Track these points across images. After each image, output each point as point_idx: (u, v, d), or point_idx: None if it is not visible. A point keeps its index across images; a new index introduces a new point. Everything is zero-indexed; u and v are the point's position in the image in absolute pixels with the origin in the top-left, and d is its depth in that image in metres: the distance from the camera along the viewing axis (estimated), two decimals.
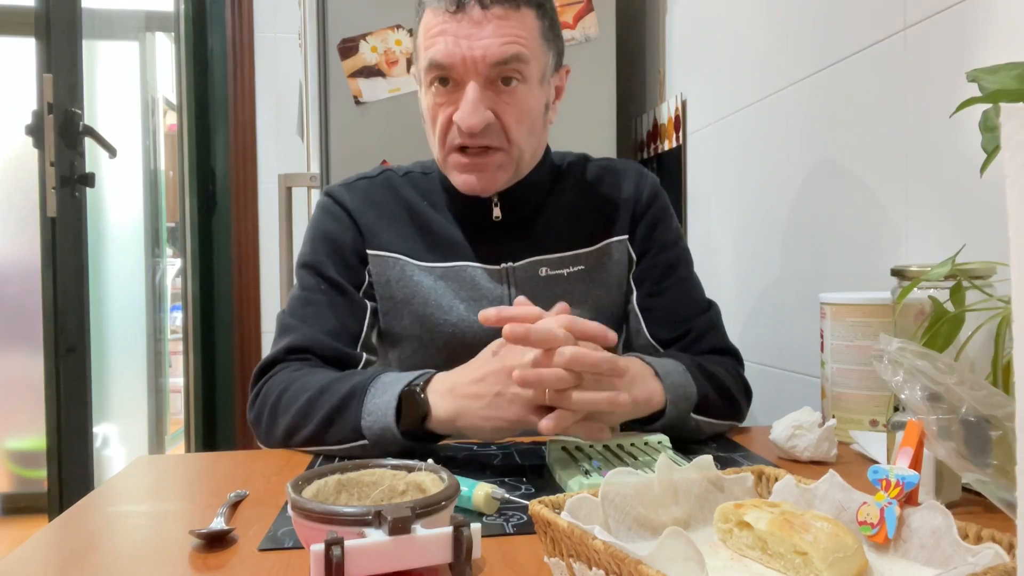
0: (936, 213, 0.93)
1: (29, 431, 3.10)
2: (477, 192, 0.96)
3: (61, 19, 1.91)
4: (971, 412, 0.55)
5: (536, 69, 0.93)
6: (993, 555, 0.42)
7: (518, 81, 0.92)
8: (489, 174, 0.94)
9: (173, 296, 3.40)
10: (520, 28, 0.90)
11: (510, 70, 0.90)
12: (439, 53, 0.89)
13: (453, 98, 0.92)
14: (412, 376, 0.82)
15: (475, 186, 0.95)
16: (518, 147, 0.95)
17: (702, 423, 0.89)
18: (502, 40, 0.89)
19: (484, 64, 0.89)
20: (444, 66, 0.90)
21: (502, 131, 0.93)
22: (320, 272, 0.99)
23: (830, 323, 0.89)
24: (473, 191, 0.96)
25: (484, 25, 0.88)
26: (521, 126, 0.94)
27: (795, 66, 1.25)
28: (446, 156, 0.95)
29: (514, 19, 0.90)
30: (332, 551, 0.44)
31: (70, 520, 0.67)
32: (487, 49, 0.88)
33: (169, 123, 3.34)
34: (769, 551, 0.49)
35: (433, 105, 0.94)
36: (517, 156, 0.96)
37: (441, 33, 0.89)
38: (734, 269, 1.51)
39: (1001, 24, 0.83)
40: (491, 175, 0.95)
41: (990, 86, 0.59)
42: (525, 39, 0.91)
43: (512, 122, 0.93)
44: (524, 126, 0.94)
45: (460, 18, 0.88)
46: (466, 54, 0.88)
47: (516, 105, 0.92)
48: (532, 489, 0.72)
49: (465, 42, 0.88)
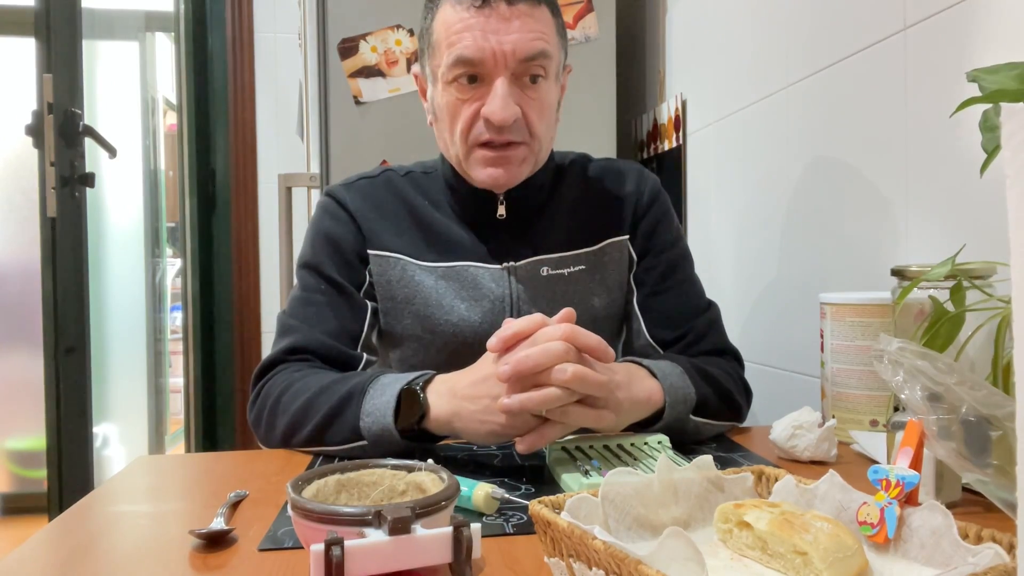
0: (936, 213, 0.93)
1: (29, 431, 3.10)
2: (502, 186, 0.96)
3: (61, 19, 1.91)
4: (971, 412, 0.55)
5: (554, 66, 0.95)
6: (993, 555, 0.42)
7: (542, 77, 0.92)
8: (514, 167, 0.95)
9: (173, 296, 3.40)
10: (543, 24, 0.92)
11: (536, 66, 0.91)
12: (467, 49, 0.89)
13: (479, 93, 0.92)
14: (412, 376, 0.82)
15: (500, 179, 0.95)
16: (539, 142, 0.96)
17: (701, 424, 0.89)
18: (531, 36, 0.90)
19: (514, 59, 0.89)
20: (473, 61, 0.89)
21: (525, 126, 0.93)
22: (321, 272, 0.99)
23: (830, 323, 0.89)
24: (498, 184, 0.96)
25: (512, 20, 0.89)
26: (542, 121, 0.95)
27: (795, 66, 1.25)
28: (469, 151, 0.95)
29: (537, 15, 0.91)
30: (332, 551, 0.44)
31: (70, 520, 0.67)
32: (516, 44, 0.89)
33: (169, 123, 3.34)
34: (769, 551, 0.49)
35: (454, 101, 0.93)
36: (538, 150, 0.97)
37: (467, 28, 0.89)
38: (734, 269, 1.51)
39: (1001, 24, 0.83)
40: (516, 168, 0.95)
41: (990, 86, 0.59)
42: (547, 35, 0.92)
43: (535, 117, 0.93)
44: (545, 121, 0.95)
45: (488, 13, 0.89)
46: (496, 48, 0.88)
47: (539, 100, 0.93)
48: (532, 489, 0.72)
49: (494, 37, 0.88)
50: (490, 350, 0.76)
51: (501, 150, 0.93)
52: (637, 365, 0.87)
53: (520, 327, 0.75)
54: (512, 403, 0.72)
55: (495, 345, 0.75)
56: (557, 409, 0.73)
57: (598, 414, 0.75)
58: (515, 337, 0.75)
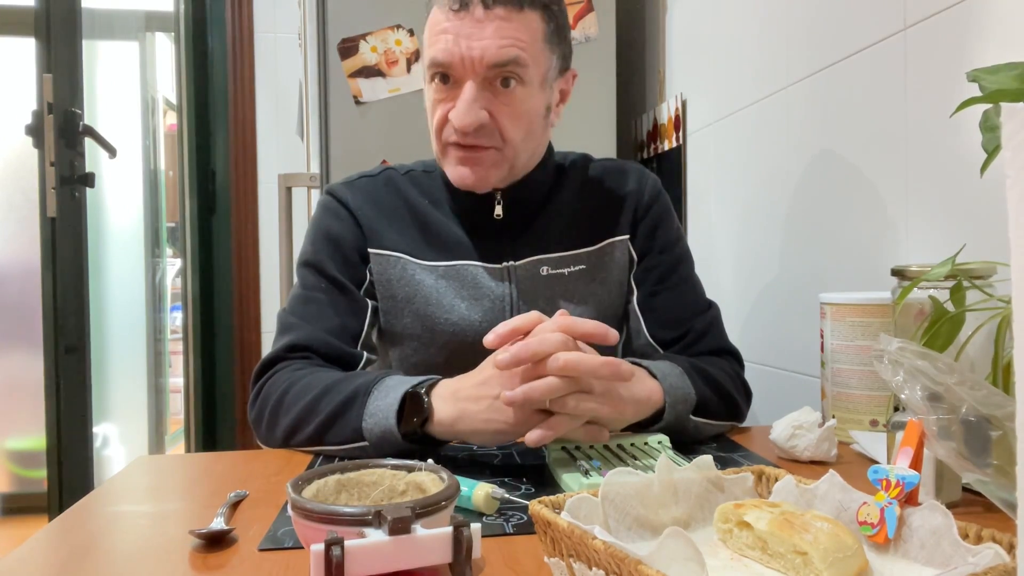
0: (936, 213, 0.93)
1: (29, 431, 3.10)
2: (471, 186, 0.96)
3: (61, 19, 1.91)
4: (971, 412, 0.55)
5: (537, 72, 0.93)
6: (993, 555, 0.42)
7: (516, 83, 0.92)
8: (483, 169, 0.95)
9: (173, 296, 3.40)
10: (522, 31, 0.90)
11: (508, 72, 0.90)
12: (439, 51, 0.90)
13: (452, 95, 0.92)
14: (417, 380, 0.82)
15: (468, 179, 0.95)
16: (513, 147, 0.95)
17: (701, 425, 0.89)
18: (502, 42, 0.89)
19: (481, 64, 0.89)
20: (443, 64, 0.90)
21: (497, 131, 0.93)
22: (321, 271, 0.99)
23: (830, 323, 0.89)
24: (467, 185, 0.96)
25: (486, 25, 0.88)
26: (517, 127, 0.94)
27: (795, 66, 1.25)
28: (443, 150, 0.97)
29: (516, 21, 0.90)
30: (332, 551, 0.44)
31: (70, 520, 0.67)
32: (485, 50, 0.89)
33: (169, 123, 3.34)
34: (769, 551, 0.49)
35: (432, 101, 0.95)
36: (512, 156, 0.96)
37: (443, 31, 0.90)
38: (734, 269, 1.51)
39: (1001, 24, 0.83)
40: (484, 171, 0.95)
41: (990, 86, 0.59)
42: (526, 42, 0.91)
43: (507, 123, 0.93)
44: (521, 127, 0.94)
45: (463, 17, 0.89)
46: (464, 54, 0.89)
47: (513, 106, 0.92)
48: (532, 489, 0.72)
49: (465, 42, 0.89)
50: (487, 346, 0.76)
51: (470, 151, 0.94)
52: (636, 365, 0.87)
53: (517, 323, 0.76)
54: (515, 395, 0.72)
55: (492, 341, 0.75)
56: (558, 399, 0.73)
57: (598, 403, 0.75)
58: (512, 333, 0.75)
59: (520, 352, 0.72)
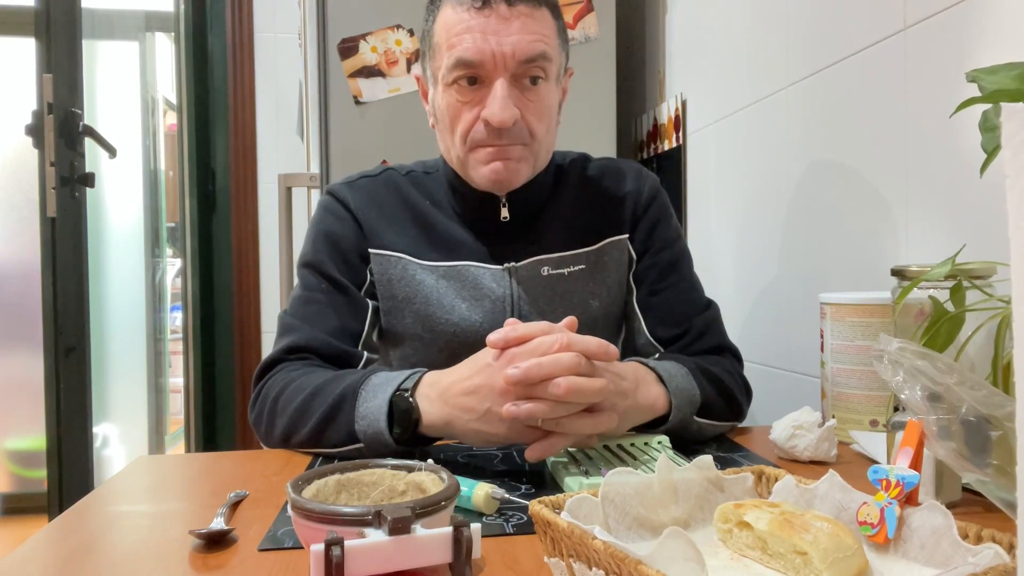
0: (936, 213, 0.93)
1: (29, 431, 3.10)
2: (502, 183, 0.95)
3: (61, 19, 1.91)
4: (971, 412, 0.55)
5: (555, 68, 0.94)
6: (993, 555, 0.42)
7: (542, 79, 0.92)
8: (513, 163, 0.94)
9: (173, 296, 3.40)
10: (543, 26, 0.91)
11: (536, 68, 0.91)
12: (467, 51, 0.89)
13: (479, 96, 0.91)
14: (401, 378, 0.81)
15: (503, 174, 0.94)
16: (539, 143, 0.95)
17: (704, 425, 0.89)
18: (531, 37, 0.89)
19: (513, 61, 0.89)
20: (473, 63, 0.89)
21: (526, 128, 0.93)
22: (321, 271, 0.99)
23: (830, 323, 0.89)
24: (499, 181, 0.94)
25: (512, 22, 0.88)
26: (542, 124, 0.94)
27: (795, 66, 1.25)
28: (468, 153, 0.95)
29: (537, 17, 0.91)
30: (332, 551, 0.44)
31: (70, 520, 0.67)
32: (516, 46, 0.88)
33: (169, 123, 3.33)
34: (769, 551, 0.49)
35: (454, 104, 0.93)
36: (537, 152, 0.96)
37: (467, 30, 0.89)
38: (734, 269, 1.51)
39: (1001, 24, 0.83)
40: (515, 165, 0.94)
41: (990, 86, 0.59)
42: (548, 37, 0.92)
43: (534, 120, 0.93)
44: (544, 123, 0.95)
45: (487, 14, 0.88)
46: (495, 50, 0.88)
47: (539, 103, 0.93)
48: (532, 489, 0.72)
49: (494, 38, 0.88)
50: (490, 345, 0.76)
51: (502, 148, 0.93)
52: (644, 368, 0.87)
53: (527, 331, 0.75)
54: (520, 412, 0.71)
55: (497, 342, 0.75)
56: (552, 420, 0.72)
57: (595, 420, 0.74)
58: (519, 340, 0.74)
59: (532, 372, 0.71)
